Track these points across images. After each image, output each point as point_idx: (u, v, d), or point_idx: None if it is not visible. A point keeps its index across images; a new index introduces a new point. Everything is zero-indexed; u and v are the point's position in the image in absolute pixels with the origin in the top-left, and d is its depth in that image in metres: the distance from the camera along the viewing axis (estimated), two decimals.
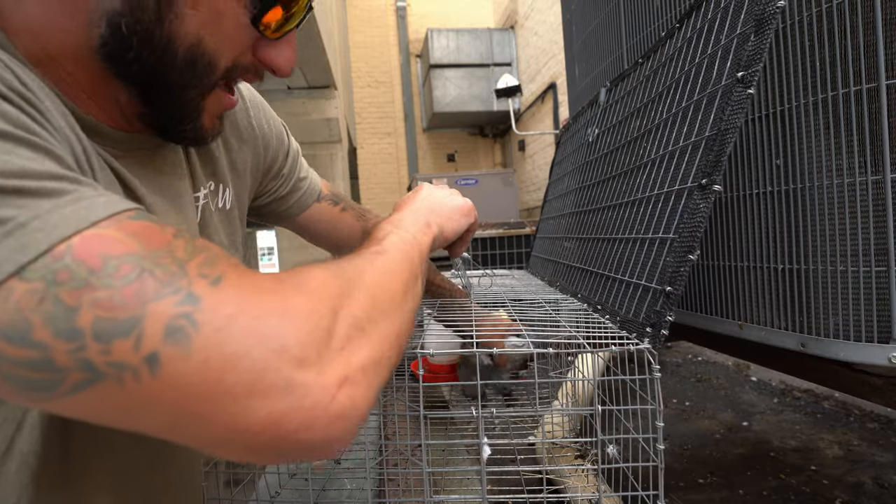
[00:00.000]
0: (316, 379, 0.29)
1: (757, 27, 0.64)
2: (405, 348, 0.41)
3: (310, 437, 0.29)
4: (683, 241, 0.61)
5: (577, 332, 0.59)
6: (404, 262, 0.45)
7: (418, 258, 0.48)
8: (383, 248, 0.45)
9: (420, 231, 0.54)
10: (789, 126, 0.78)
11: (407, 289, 0.42)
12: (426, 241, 0.54)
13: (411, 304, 0.43)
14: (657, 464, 0.49)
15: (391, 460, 0.81)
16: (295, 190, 0.75)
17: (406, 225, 0.54)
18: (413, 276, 0.45)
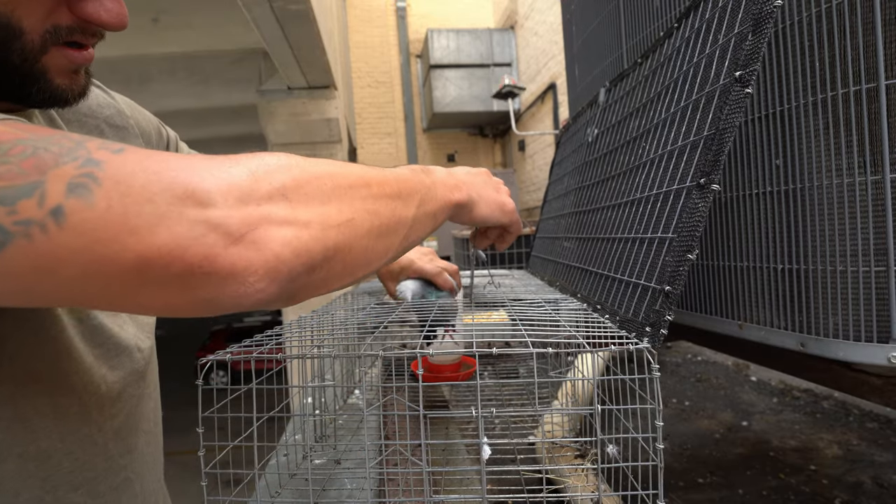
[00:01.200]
0: (221, 217, 0.31)
1: (755, 26, 0.64)
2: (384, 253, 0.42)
3: (214, 269, 0.30)
4: (682, 241, 0.61)
5: (577, 331, 0.59)
6: (390, 179, 0.45)
7: (422, 192, 0.48)
8: (380, 169, 0.46)
9: (444, 184, 0.54)
10: (789, 126, 0.78)
11: (378, 193, 0.42)
12: (446, 194, 0.54)
13: (384, 210, 0.42)
14: (657, 463, 0.50)
15: (391, 460, 0.81)
16: None
17: (433, 172, 0.54)
18: (398, 195, 0.44)
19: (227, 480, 0.64)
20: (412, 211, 0.46)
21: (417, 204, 0.47)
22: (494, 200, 0.65)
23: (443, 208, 0.54)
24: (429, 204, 0.50)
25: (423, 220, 0.49)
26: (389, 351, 0.61)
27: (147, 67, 4.30)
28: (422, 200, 0.48)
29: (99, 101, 0.62)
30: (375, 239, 0.41)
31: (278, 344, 0.68)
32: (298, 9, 2.72)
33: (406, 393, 0.86)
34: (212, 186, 0.31)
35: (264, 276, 0.32)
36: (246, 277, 0.31)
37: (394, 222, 0.43)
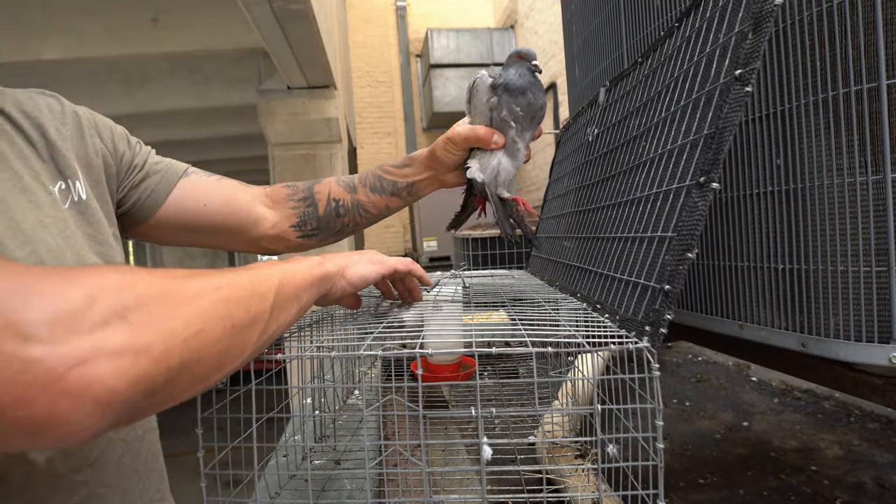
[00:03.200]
0: (44, 353, 0.28)
1: (755, 25, 0.64)
2: (238, 360, 0.41)
3: (30, 413, 0.27)
4: (682, 240, 0.61)
5: (577, 331, 0.59)
6: (243, 278, 0.43)
7: (278, 278, 0.48)
8: (234, 270, 0.44)
9: (306, 264, 0.55)
10: (789, 126, 0.77)
11: (230, 296, 0.40)
12: (307, 271, 0.55)
13: (237, 310, 0.40)
14: (657, 463, 0.49)
15: (391, 460, 0.81)
16: (151, 173, 0.71)
17: (296, 259, 0.55)
18: (252, 291, 0.43)
19: (227, 481, 0.64)
20: (269, 301, 0.45)
21: (275, 292, 0.46)
22: (368, 260, 0.67)
23: (306, 286, 0.54)
24: (288, 287, 0.49)
25: (283, 305, 0.48)
26: (389, 351, 0.61)
27: (146, 67, 4.30)
28: (280, 286, 0.47)
29: (52, 107, 0.60)
30: (229, 341, 0.39)
31: (278, 344, 0.67)
32: (298, 8, 2.71)
33: (406, 393, 0.86)
34: (37, 316, 0.28)
35: (92, 413, 0.29)
36: (69, 418, 0.28)
37: (248, 320, 0.42)
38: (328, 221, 0.84)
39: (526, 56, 0.79)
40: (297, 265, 0.54)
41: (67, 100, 0.63)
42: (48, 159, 0.55)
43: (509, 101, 0.78)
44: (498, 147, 0.79)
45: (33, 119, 0.56)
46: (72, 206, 0.55)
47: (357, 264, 0.65)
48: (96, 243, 0.56)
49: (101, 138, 0.64)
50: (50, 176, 0.54)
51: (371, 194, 0.84)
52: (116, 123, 0.70)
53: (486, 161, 0.80)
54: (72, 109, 0.62)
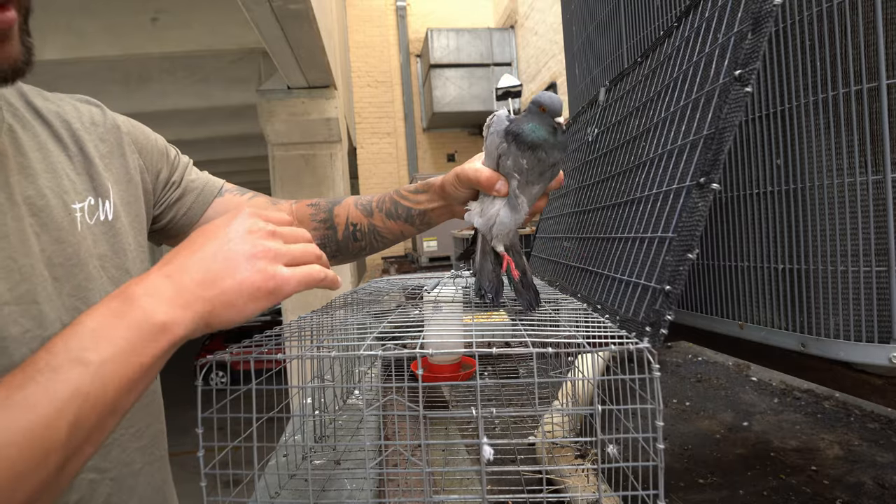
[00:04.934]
0: None
1: (754, 25, 0.64)
2: None
3: None
4: (682, 240, 0.61)
5: (577, 331, 0.59)
6: (12, 438, 0.33)
7: (72, 416, 0.35)
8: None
9: (120, 353, 0.38)
10: (789, 126, 0.77)
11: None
12: (125, 368, 0.38)
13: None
14: (657, 463, 0.49)
15: (391, 460, 0.81)
16: (188, 191, 0.71)
17: (103, 339, 0.38)
18: (24, 469, 0.33)
19: (227, 481, 0.64)
20: (52, 461, 0.34)
21: (65, 438, 0.35)
22: (244, 291, 0.44)
23: (126, 389, 0.38)
24: (91, 413, 0.36)
25: (89, 436, 0.36)
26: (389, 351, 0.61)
27: (146, 67, 4.30)
28: (74, 424, 0.35)
29: (94, 118, 0.60)
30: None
31: (278, 344, 0.67)
32: (298, 8, 2.71)
33: (406, 393, 0.86)
34: None
35: None
36: None
37: (20, 472, 0.32)
38: (346, 245, 0.83)
39: (549, 110, 0.69)
40: (108, 352, 0.37)
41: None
42: (83, 172, 0.55)
43: (517, 153, 0.71)
44: (500, 195, 0.74)
45: (73, 130, 0.56)
46: (97, 224, 0.54)
47: (229, 306, 0.44)
48: (112, 267, 0.55)
49: (140, 154, 0.64)
50: (80, 191, 0.54)
51: (387, 220, 0.82)
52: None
53: (486, 207, 0.76)
54: (113, 122, 0.62)
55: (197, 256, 0.44)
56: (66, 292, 0.49)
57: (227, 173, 0.83)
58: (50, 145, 0.53)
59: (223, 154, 7.07)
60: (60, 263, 0.49)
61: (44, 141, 0.52)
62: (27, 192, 0.48)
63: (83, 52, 3.55)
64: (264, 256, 0.46)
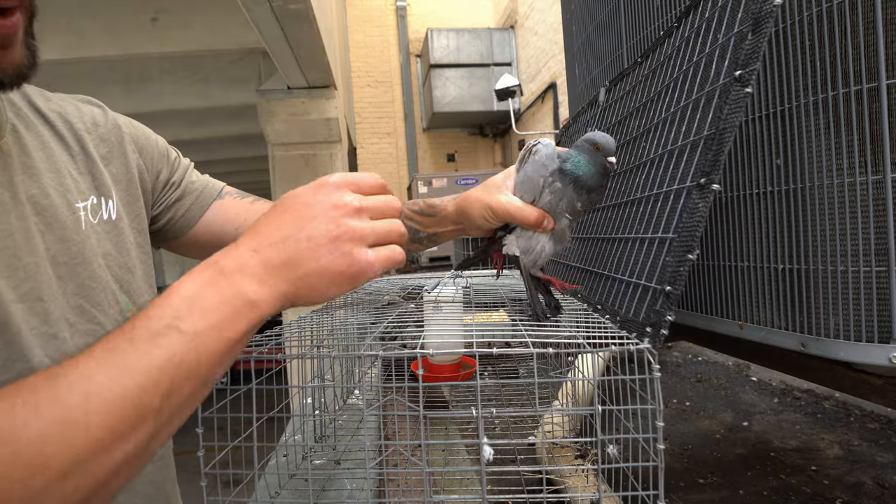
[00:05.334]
0: None
1: (754, 26, 0.64)
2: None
3: None
4: (683, 241, 0.61)
5: (577, 331, 0.59)
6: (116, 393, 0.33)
7: (167, 385, 0.35)
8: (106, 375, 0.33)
9: (221, 320, 0.38)
10: (789, 126, 0.78)
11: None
12: (218, 343, 0.38)
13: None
14: (657, 464, 0.49)
15: (391, 460, 0.81)
16: (187, 193, 0.71)
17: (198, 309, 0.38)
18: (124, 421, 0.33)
19: (227, 480, 0.64)
20: (148, 425, 0.34)
21: (157, 406, 0.35)
22: (327, 275, 0.43)
23: (217, 363, 0.38)
24: (185, 385, 0.36)
25: (181, 408, 0.37)
26: (389, 351, 0.61)
27: (146, 67, 4.30)
28: (170, 391, 0.35)
29: (96, 118, 0.60)
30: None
31: (278, 344, 0.67)
32: (298, 8, 2.71)
33: (406, 393, 0.86)
34: None
35: None
36: None
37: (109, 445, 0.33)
38: None
39: (603, 149, 0.66)
40: (202, 323, 0.37)
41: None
42: (85, 172, 0.55)
43: (573, 196, 0.68)
44: (544, 231, 0.71)
45: (76, 130, 0.56)
46: (100, 223, 0.54)
47: (312, 288, 0.43)
48: (116, 265, 0.56)
49: (140, 154, 0.64)
50: (82, 190, 0.54)
51: None
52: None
53: (527, 241, 0.73)
54: (114, 122, 0.62)
55: (283, 233, 0.43)
56: (70, 290, 0.49)
57: (227, 173, 0.83)
58: (53, 145, 0.53)
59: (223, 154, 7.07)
60: (65, 262, 0.49)
61: (47, 141, 0.53)
62: (31, 191, 0.48)
63: (83, 52, 3.54)
64: (349, 239, 0.44)
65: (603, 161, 0.66)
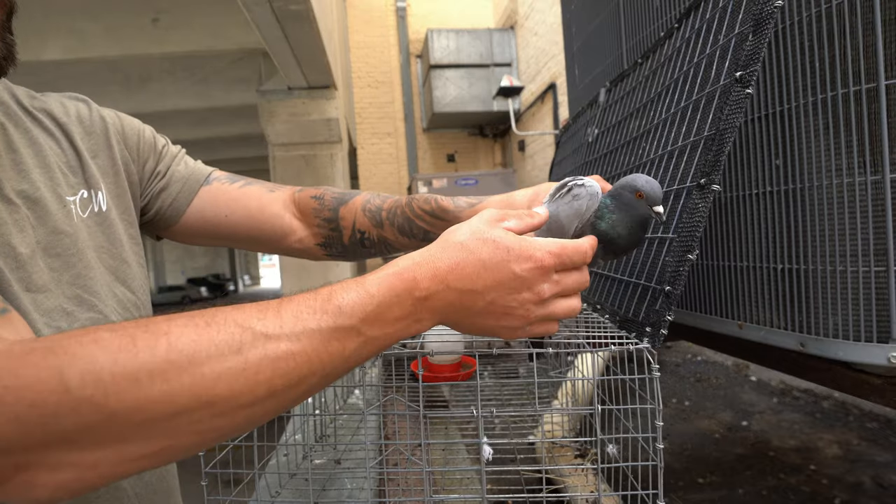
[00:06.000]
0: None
1: (755, 27, 0.64)
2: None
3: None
4: (682, 241, 0.61)
5: (577, 331, 0.59)
6: (255, 376, 0.34)
7: (320, 371, 0.37)
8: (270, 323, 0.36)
9: (391, 335, 0.41)
10: (789, 126, 0.78)
11: (222, 410, 0.33)
12: (383, 346, 0.40)
13: (224, 423, 0.34)
14: (657, 463, 0.50)
15: (391, 460, 0.81)
16: (173, 181, 0.69)
17: (380, 321, 0.40)
18: (267, 391, 0.34)
19: (228, 480, 0.64)
20: (290, 394, 0.36)
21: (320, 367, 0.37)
22: (499, 333, 0.46)
23: (374, 353, 0.40)
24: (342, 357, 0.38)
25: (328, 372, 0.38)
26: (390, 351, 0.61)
27: (147, 67, 4.30)
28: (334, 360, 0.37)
29: (80, 113, 0.60)
30: (197, 448, 0.35)
31: None
32: (298, 9, 2.72)
33: (406, 393, 0.86)
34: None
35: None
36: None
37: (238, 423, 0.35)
38: (354, 249, 0.79)
39: (647, 198, 0.55)
40: (377, 340, 0.40)
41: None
42: (74, 166, 0.56)
43: (600, 252, 0.57)
44: None
45: (63, 126, 0.57)
46: (90, 216, 0.55)
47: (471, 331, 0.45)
48: (109, 257, 0.56)
49: (126, 145, 0.64)
50: (72, 184, 0.54)
51: (399, 236, 0.76)
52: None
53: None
54: (99, 115, 0.62)
55: (476, 291, 0.44)
56: (65, 281, 0.50)
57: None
58: (41, 141, 0.54)
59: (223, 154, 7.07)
60: (58, 254, 0.50)
61: (35, 137, 0.53)
62: (21, 186, 0.49)
63: (84, 53, 3.55)
64: (531, 322, 0.46)
65: (647, 213, 0.55)
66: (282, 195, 0.76)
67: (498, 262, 0.44)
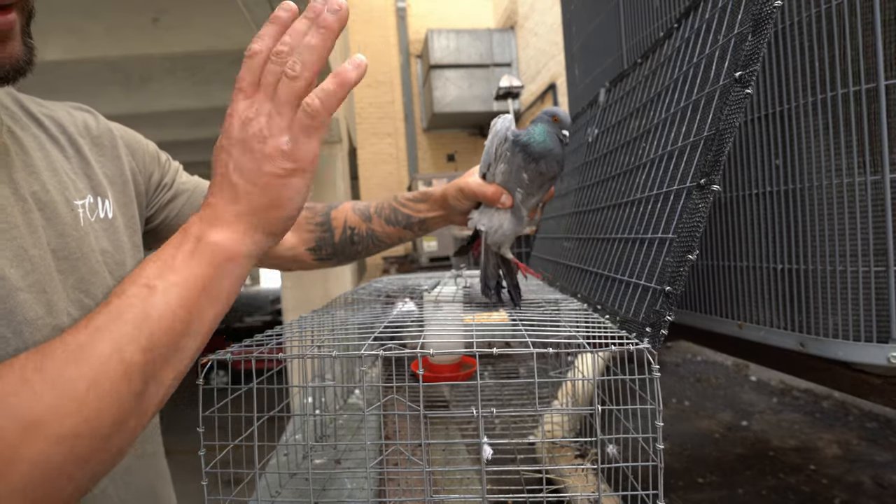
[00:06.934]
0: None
1: (754, 27, 0.64)
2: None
3: None
4: (682, 241, 0.61)
5: (577, 331, 0.60)
6: (84, 370, 0.35)
7: (145, 340, 0.37)
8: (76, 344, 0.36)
9: (179, 269, 0.41)
10: (789, 126, 0.78)
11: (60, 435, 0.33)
12: (189, 281, 0.40)
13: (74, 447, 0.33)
14: (657, 463, 0.50)
15: (391, 460, 0.81)
16: (179, 193, 0.73)
17: (161, 265, 0.41)
18: (100, 397, 0.34)
19: (228, 480, 0.64)
20: (135, 384, 0.36)
21: (142, 363, 0.37)
22: (267, 187, 0.43)
23: (196, 303, 0.40)
24: (163, 335, 0.38)
25: (168, 359, 0.39)
26: (390, 351, 0.61)
27: (147, 67, 4.30)
28: (148, 345, 0.37)
29: (88, 122, 0.61)
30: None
31: (278, 343, 0.68)
32: None
33: (406, 393, 0.86)
34: None
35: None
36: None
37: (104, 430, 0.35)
38: (343, 248, 0.86)
39: (561, 121, 0.75)
40: (171, 277, 0.40)
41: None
42: (80, 172, 0.57)
43: (521, 165, 0.75)
44: (504, 207, 0.78)
45: (69, 134, 0.58)
46: (97, 221, 0.56)
47: (272, 209, 0.44)
48: (113, 263, 0.57)
49: (133, 157, 0.66)
50: (79, 189, 0.55)
51: (385, 225, 0.85)
52: (126, 128, 0.70)
53: (489, 216, 0.80)
54: (106, 126, 0.64)
55: (224, 183, 0.44)
56: (70, 284, 0.50)
57: None
58: (48, 146, 0.54)
59: None
60: (65, 257, 0.50)
61: (43, 142, 0.54)
62: (33, 187, 0.49)
63: (84, 52, 3.55)
64: (267, 156, 0.43)
65: (557, 132, 0.74)
66: None
67: (216, 147, 0.45)
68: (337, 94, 0.43)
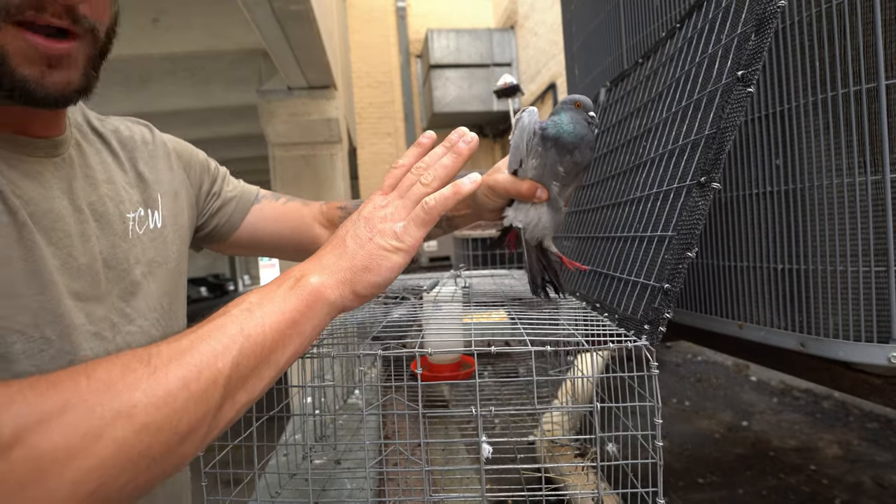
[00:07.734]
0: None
1: (758, 27, 0.64)
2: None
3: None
4: (682, 239, 0.61)
5: (576, 330, 0.59)
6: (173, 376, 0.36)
7: (233, 357, 0.39)
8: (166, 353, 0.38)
9: (276, 303, 0.44)
10: (789, 126, 0.78)
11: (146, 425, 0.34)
12: (280, 316, 0.44)
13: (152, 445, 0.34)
14: (656, 461, 0.50)
15: (391, 459, 0.81)
16: (227, 201, 0.77)
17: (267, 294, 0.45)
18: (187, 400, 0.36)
19: (228, 480, 0.64)
20: (214, 399, 0.38)
21: (226, 377, 0.39)
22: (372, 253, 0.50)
23: (280, 340, 0.43)
24: (249, 358, 0.41)
25: (244, 383, 0.41)
26: (389, 351, 0.61)
27: (147, 67, 4.30)
28: (234, 365, 0.39)
29: (144, 136, 0.65)
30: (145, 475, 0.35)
31: None
32: (298, 9, 2.72)
33: (406, 392, 0.86)
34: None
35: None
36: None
37: (176, 439, 0.36)
38: None
39: (583, 105, 0.72)
40: (268, 305, 0.44)
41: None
42: (134, 185, 0.60)
43: (555, 159, 0.72)
44: (540, 202, 0.76)
45: (129, 150, 0.61)
46: (146, 233, 0.59)
47: (367, 272, 0.50)
48: (160, 271, 0.60)
49: (185, 169, 0.70)
50: (133, 202, 0.58)
51: None
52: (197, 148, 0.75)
53: (525, 212, 0.77)
54: (161, 140, 0.67)
55: (338, 242, 0.52)
56: (115, 294, 0.53)
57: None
58: (108, 160, 0.58)
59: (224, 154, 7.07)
60: (113, 267, 0.53)
61: (104, 156, 0.58)
62: (90, 198, 0.52)
63: None
64: (381, 231, 0.52)
65: (586, 116, 0.71)
66: (312, 209, 0.84)
67: (339, 228, 0.55)
68: (450, 200, 0.52)
